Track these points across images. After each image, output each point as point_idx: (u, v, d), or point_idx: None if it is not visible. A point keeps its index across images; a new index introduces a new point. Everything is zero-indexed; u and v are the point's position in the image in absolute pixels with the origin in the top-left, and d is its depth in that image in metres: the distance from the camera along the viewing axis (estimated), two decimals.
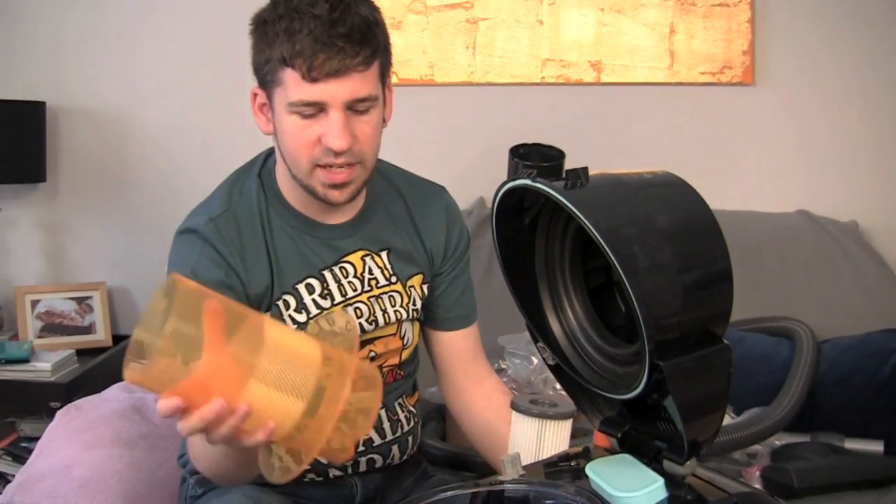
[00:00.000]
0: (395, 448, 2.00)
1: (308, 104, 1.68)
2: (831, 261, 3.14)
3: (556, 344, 1.43)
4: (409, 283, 1.97)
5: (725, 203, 3.10)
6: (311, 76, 1.65)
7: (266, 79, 1.73)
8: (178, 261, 1.81)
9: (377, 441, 1.97)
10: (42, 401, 3.03)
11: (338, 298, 1.87)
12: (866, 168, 3.38)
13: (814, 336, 2.82)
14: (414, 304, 1.98)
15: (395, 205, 1.98)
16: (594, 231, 1.15)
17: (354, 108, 1.71)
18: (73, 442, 2.40)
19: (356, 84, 1.69)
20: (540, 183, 1.23)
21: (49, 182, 3.59)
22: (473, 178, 2.99)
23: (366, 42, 1.69)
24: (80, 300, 3.54)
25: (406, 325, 2.00)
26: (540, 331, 1.44)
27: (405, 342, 2.00)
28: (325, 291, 1.86)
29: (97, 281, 3.60)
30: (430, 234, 2.00)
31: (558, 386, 2.33)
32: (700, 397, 1.26)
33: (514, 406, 1.72)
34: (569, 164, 1.24)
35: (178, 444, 2.23)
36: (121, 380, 2.82)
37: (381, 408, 1.97)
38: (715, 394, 1.28)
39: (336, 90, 1.67)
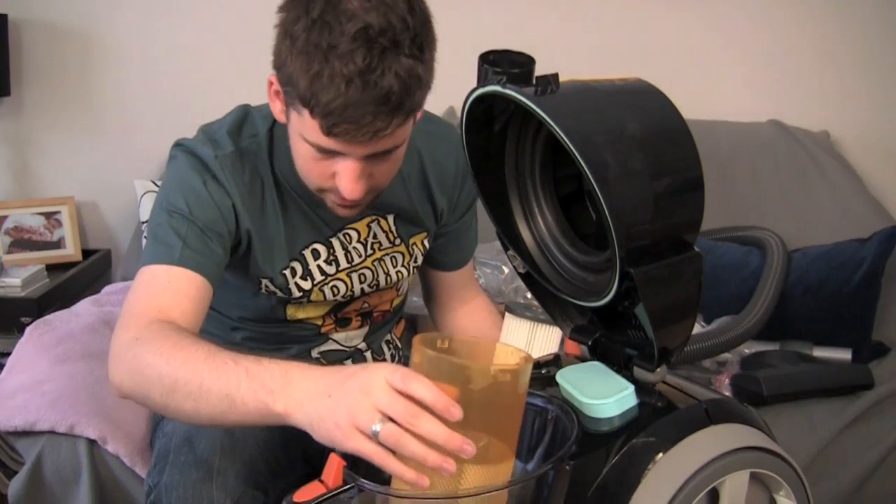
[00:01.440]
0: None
1: (323, 150, 1.54)
2: (802, 171, 3.15)
3: (526, 252, 1.43)
4: (411, 242, 1.93)
5: (696, 112, 3.08)
6: (331, 133, 1.48)
7: (285, 88, 1.53)
8: (183, 172, 1.71)
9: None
10: (12, 316, 3.01)
11: (343, 265, 1.84)
12: (838, 78, 3.38)
13: (784, 245, 2.83)
14: (415, 261, 1.95)
15: (409, 162, 1.83)
16: (565, 138, 1.14)
17: (376, 154, 1.56)
18: (43, 357, 2.40)
19: (382, 143, 1.53)
20: (510, 89, 1.22)
21: (13, 96, 3.53)
22: (443, 87, 2.93)
23: (401, 107, 1.47)
24: (48, 215, 3.50)
25: (404, 280, 1.99)
26: (510, 239, 1.43)
27: (400, 292, 2.01)
28: (331, 257, 1.83)
29: (65, 196, 3.56)
30: (442, 190, 1.90)
31: (529, 295, 2.33)
32: (670, 305, 1.27)
33: (509, 309, 1.72)
34: (539, 70, 1.22)
35: None
36: (90, 294, 2.82)
37: (367, 350, 1.98)
38: (685, 301, 1.28)
39: (356, 149, 1.52)
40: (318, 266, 1.81)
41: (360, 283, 1.86)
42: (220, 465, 1.61)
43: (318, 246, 1.81)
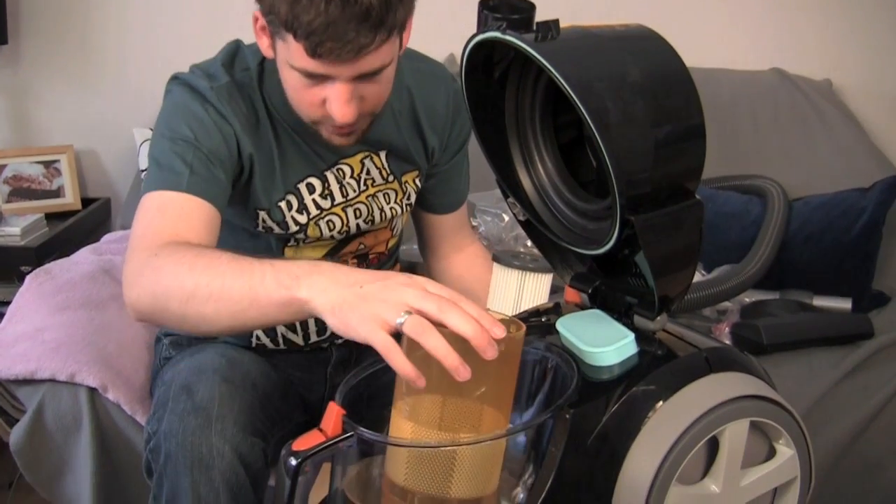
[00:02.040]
0: None
1: (311, 74, 1.57)
2: (804, 119, 3.13)
3: (526, 199, 1.42)
4: (403, 180, 1.94)
5: (698, 60, 3.07)
6: (316, 54, 1.51)
7: (269, 18, 1.56)
8: (181, 102, 1.73)
9: None
10: (12, 265, 3.01)
11: (338, 199, 1.85)
12: (841, 26, 3.35)
13: (785, 194, 2.83)
14: (408, 199, 1.96)
15: (399, 99, 1.88)
16: (565, 84, 1.13)
17: (364, 76, 1.59)
18: (43, 306, 2.40)
19: (368, 61, 1.55)
20: (510, 35, 1.20)
21: (11, 45, 3.51)
22: (443, 33, 2.93)
23: (383, 23, 1.50)
24: (47, 164, 3.49)
25: (398, 219, 1.99)
26: (510, 186, 1.43)
27: (394, 232, 2.01)
28: (326, 191, 1.83)
29: (64, 144, 3.55)
30: (433, 129, 1.93)
31: (529, 242, 2.33)
32: (671, 253, 1.26)
33: (496, 258, 1.71)
34: (539, 17, 1.21)
35: None
36: (90, 242, 2.82)
37: None
38: (686, 249, 1.28)
39: (343, 69, 1.55)
40: (314, 200, 1.83)
41: (356, 218, 1.87)
42: (219, 412, 1.62)
43: (312, 180, 1.82)
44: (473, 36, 1.29)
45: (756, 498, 1.30)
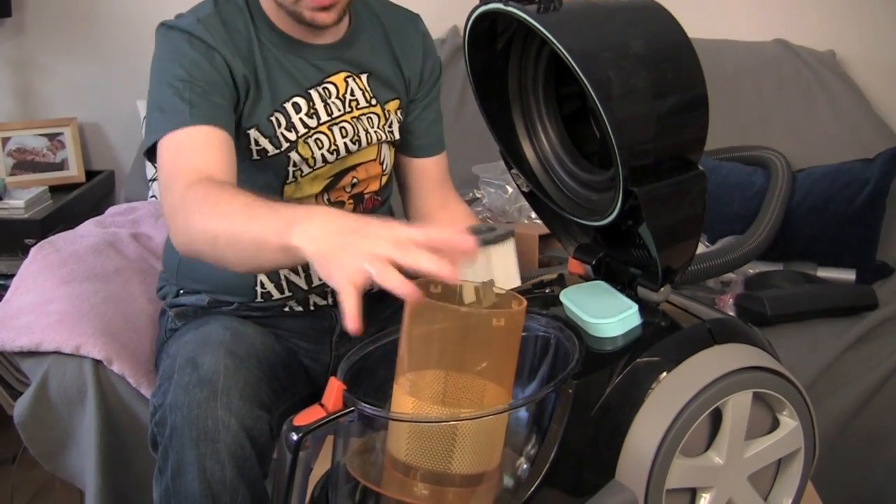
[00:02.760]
0: None
1: None
2: (808, 90, 3.12)
3: (530, 171, 1.42)
4: (386, 107, 1.98)
5: (702, 32, 3.05)
6: None
7: None
8: (166, 45, 1.79)
9: None
10: (16, 238, 3.01)
11: (324, 118, 1.88)
12: None
13: (789, 165, 2.82)
14: (390, 127, 1.99)
15: (375, 31, 1.98)
16: (568, 55, 1.13)
17: None
18: (48, 278, 2.40)
19: None
20: (512, 7, 1.20)
21: (15, 17, 3.50)
22: (446, 5, 2.93)
23: None
24: (51, 136, 3.49)
25: (384, 150, 2.01)
26: (514, 158, 1.43)
27: (384, 168, 2.02)
28: (312, 110, 1.87)
29: (68, 116, 3.54)
30: (407, 61, 2.01)
31: (533, 214, 2.33)
32: (674, 224, 1.26)
33: None
34: None
35: (154, 278, 2.24)
36: (94, 215, 2.82)
37: None
38: (689, 220, 1.28)
39: None
40: (301, 119, 1.86)
41: (342, 137, 1.91)
42: (224, 385, 1.62)
43: (298, 99, 1.86)
44: (476, 7, 1.29)
45: (760, 469, 1.31)
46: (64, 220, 3.11)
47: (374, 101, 1.96)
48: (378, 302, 2.06)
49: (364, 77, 1.95)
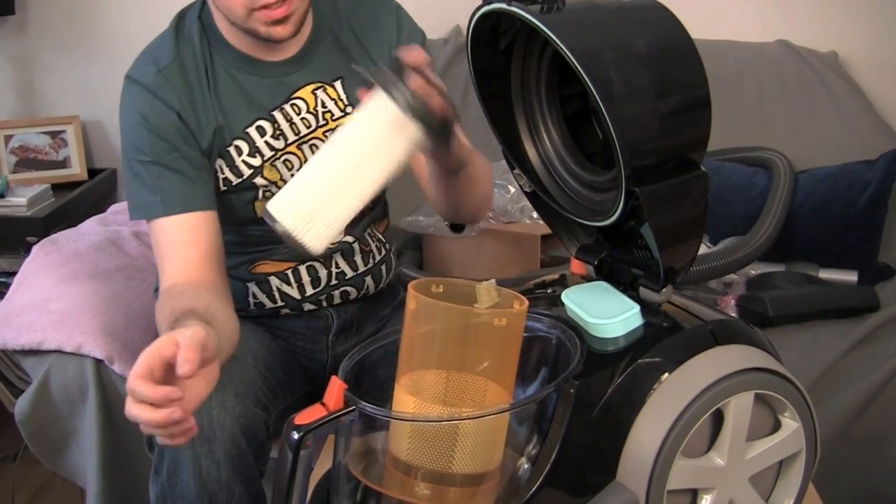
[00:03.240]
0: (368, 279, 2.00)
1: None
2: (810, 91, 3.12)
3: (532, 171, 1.42)
4: None
5: (704, 32, 3.06)
6: None
7: None
8: (130, 108, 1.77)
9: (349, 274, 1.97)
10: (19, 236, 3.01)
11: (291, 138, 1.83)
12: None
13: (791, 166, 2.82)
14: None
15: (342, 31, 1.88)
16: (570, 55, 1.13)
17: None
18: (50, 276, 2.40)
19: None
20: (515, 7, 1.20)
21: (18, 15, 3.50)
22: (448, 5, 2.93)
23: None
24: (53, 134, 3.49)
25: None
26: (516, 158, 1.42)
27: None
28: (278, 132, 1.82)
29: (71, 115, 3.54)
30: (381, 44, 1.90)
31: (535, 214, 2.32)
32: (677, 224, 1.26)
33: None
34: None
35: (155, 276, 2.24)
36: (96, 213, 2.82)
37: (353, 241, 1.96)
38: (691, 221, 1.28)
39: None
40: (266, 142, 1.82)
41: (313, 154, 1.84)
42: (220, 384, 1.61)
43: (262, 123, 1.81)
44: (479, 7, 1.29)
45: (761, 471, 1.31)
46: (66, 218, 3.11)
47: (349, 110, 1.88)
48: (375, 300, 2.06)
49: (338, 83, 1.87)
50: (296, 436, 1.15)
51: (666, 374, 1.24)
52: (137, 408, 1.23)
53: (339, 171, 1.35)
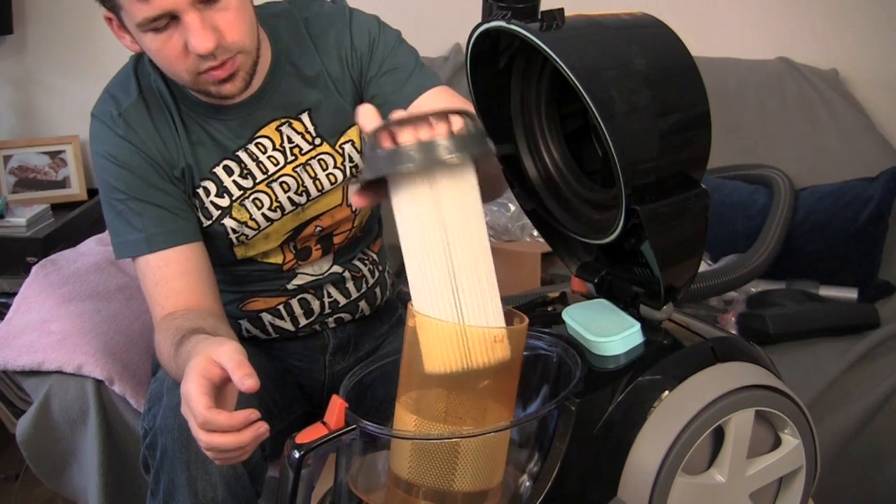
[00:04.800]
0: (362, 304, 1.99)
1: (154, 19, 1.55)
2: (811, 109, 3.12)
3: (532, 189, 1.42)
4: (342, 141, 1.85)
5: (704, 49, 3.07)
6: None
7: (107, 5, 1.61)
8: (97, 147, 1.76)
9: (342, 302, 1.97)
10: (18, 256, 3.01)
11: (259, 177, 1.80)
12: (848, 15, 3.33)
13: (791, 184, 2.82)
14: (351, 161, 1.86)
15: (303, 58, 1.82)
16: (570, 74, 1.13)
17: (206, 2, 1.56)
18: (50, 296, 2.40)
19: None
20: (515, 24, 1.20)
21: (16, 34, 3.51)
22: (448, 23, 2.94)
23: None
24: (53, 154, 3.49)
25: (353, 189, 1.91)
26: (516, 176, 1.43)
27: (354, 209, 1.92)
28: (245, 171, 1.79)
29: (70, 135, 3.55)
30: (342, 66, 1.82)
31: (536, 232, 2.33)
32: (677, 242, 1.26)
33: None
34: (544, 6, 1.21)
35: None
36: (96, 233, 2.82)
37: (343, 271, 1.95)
38: (692, 238, 1.28)
39: (178, 1, 1.53)
40: (234, 181, 1.79)
41: (284, 192, 1.81)
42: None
43: (228, 162, 1.79)
44: (479, 25, 1.29)
45: (761, 487, 1.30)
46: (66, 238, 3.10)
47: (318, 142, 1.83)
48: (372, 319, 2.06)
49: (304, 116, 1.82)
50: (297, 455, 1.15)
51: (667, 392, 1.24)
52: (219, 437, 1.26)
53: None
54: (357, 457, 1.25)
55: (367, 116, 1.18)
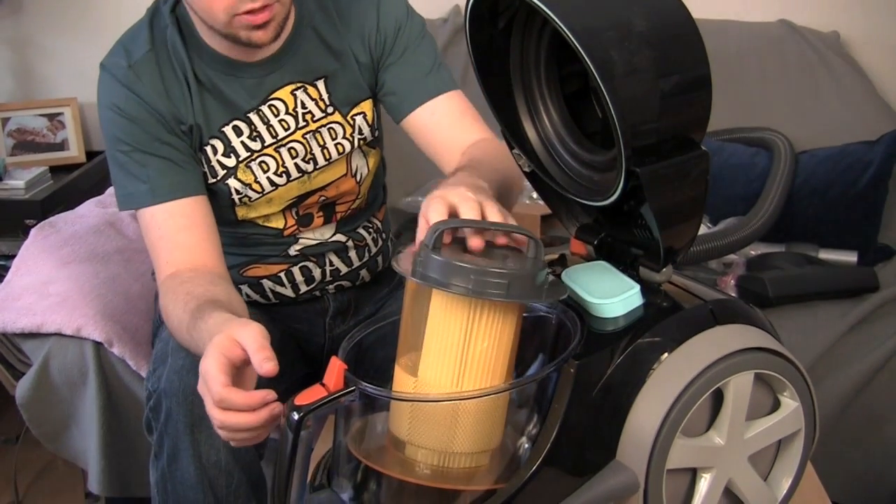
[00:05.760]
0: (363, 272, 2.00)
1: None
2: (811, 72, 3.11)
3: (531, 151, 1.42)
4: (354, 112, 1.85)
5: (705, 12, 3.06)
6: None
7: None
8: (104, 98, 1.75)
9: (344, 270, 1.97)
10: (17, 219, 3.01)
11: (268, 140, 1.79)
12: None
13: (791, 147, 2.82)
14: (360, 133, 1.87)
15: (326, 25, 1.81)
16: (570, 35, 1.12)
17: None
18: (49, 259, 2.40)
19: None
20: None
21: None
22: None
23: None
24: (51, 117, 3.48)
25: (357, 161, 1.91)
26: (516, 137, 1.42)
27: (359, 179, 1.92)
28: (254, 133, 1.79)
29: (68, 97, 3.53)
30: (364, 45, 1.83)
31: (535, 194, 2.32)
32: (677, 204, 1.26)
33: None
34: None
35: None
36: (94, 195, 2.82)
37: (347, 240, 1.95)
38: (692, 200, 1.27)
39: None
40: (242, 142, 1.79)
41: (292, 158, 1.81)
42: None
43: (238, 122, 1.78)
44: None
45: (760, 450, 1.31)
46: (64, 200, 3.10)
47: (331, 110, 1.83)
48: (373, 284, 2.05)
49: (320, 83, 1.81)
50: (296, 416, 1.15)
51: (666, 354, 1.24)
52: (235, 416, 1.26)
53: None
54: (356, 418, 1.25)
55: (436, 210, 1.21)
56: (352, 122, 1.85)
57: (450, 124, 1.82)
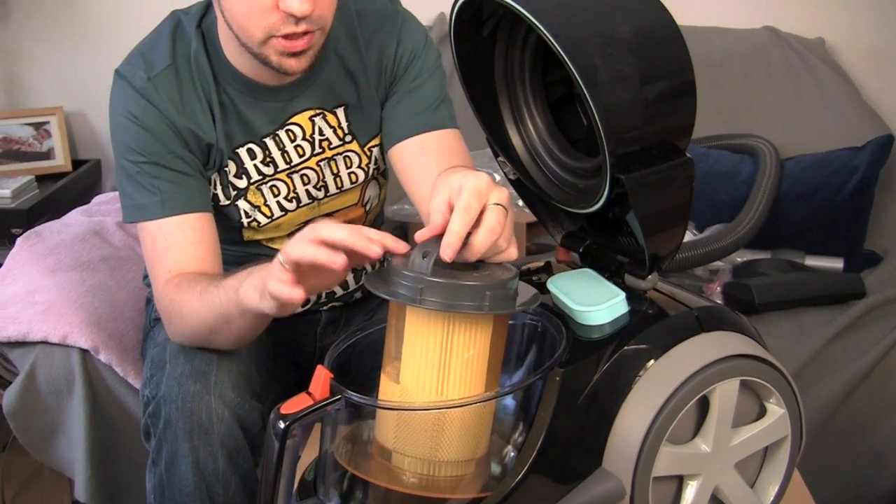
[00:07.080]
0: (357, 293, 2.02)
1: None
2: (796, 78, 3.12)
3: (516, 158, 1.42)
4: (370, 144, 1.84)
5: (690, 18, 3.05)
6: None
7: None
8: (119, 105, 1.70)
9: (340, 293, 1.98)
10: (3, 228, 3.00)
11: (281, 166, 1.78)
12: None
13: (777, 153, 2.82)
14: (375, 164, 1.86)
15: (350, 52, 1.78)
16: (554, 42, 1.12)
17: None
18: (34, 267, 2.40)
19: None
20: None
21: (0, 5, 3.49)
22: None
23: None
24: (37, 126, 3.47)
25: (370, 192, 1.92)
26: (501, 145, 1.42)
27: (368, 208, 1.93)
28: (268, 158, 1.77)
29: (54, 106, 3.53)
30: (380, 72, 1.81)
31: (521, 202, 2.32)
32: (662, 211, 1.26)
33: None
34: None
35: (141, 266, 2.23)
36: (80, 204, 2.82)
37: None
38: (677, 207, 1.27)
39: None
40: (255, 166, 1.77)
41: (304, 184, 1.81)
42: (217, 377, 1.62)
43: (253, 146, 1.76)
44: None
45: (747, 457, 1.31)
46: (50, 209, 3.10)
47: (349, 139, 1.82)
48: (363, 299, 2.05)
49: (340, 111, 1.80)
50: (282, 425, 1.15)
51: (651, 361, 1.24)
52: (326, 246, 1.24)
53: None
54: (342, 427, 1.25)
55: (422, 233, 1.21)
56: (369, 153, 1.85)
57: (437, 160, 1.76)
